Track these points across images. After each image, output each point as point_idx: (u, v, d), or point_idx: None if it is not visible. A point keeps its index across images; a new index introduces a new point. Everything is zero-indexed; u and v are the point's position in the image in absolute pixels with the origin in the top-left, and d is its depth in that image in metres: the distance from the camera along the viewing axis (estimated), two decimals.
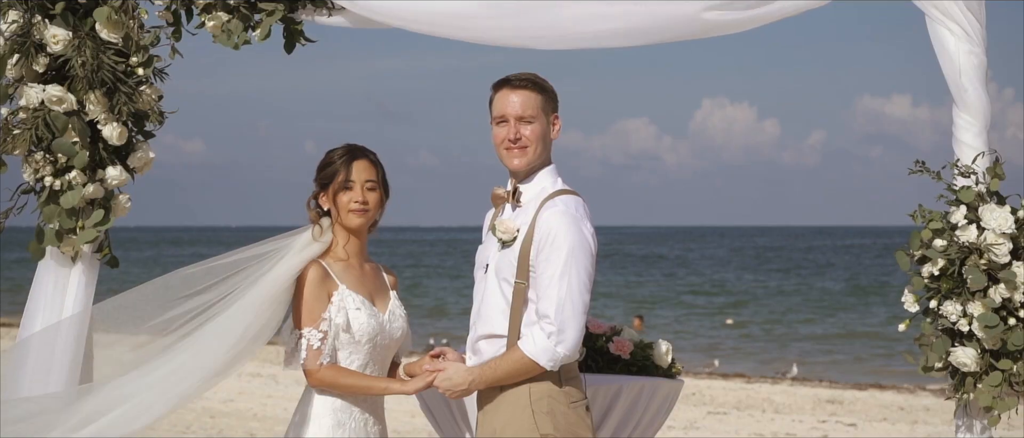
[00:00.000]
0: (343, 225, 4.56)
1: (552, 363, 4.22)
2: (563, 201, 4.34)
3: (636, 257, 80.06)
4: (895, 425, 14.94)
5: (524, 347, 4.22)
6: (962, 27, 4.46)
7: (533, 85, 4.44)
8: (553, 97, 4.49)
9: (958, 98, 4.50)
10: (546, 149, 4.45)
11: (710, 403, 16.68)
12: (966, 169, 4.46)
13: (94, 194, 4.50)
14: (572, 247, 4.23)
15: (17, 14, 4.46)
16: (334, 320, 4.46)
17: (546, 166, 4.45)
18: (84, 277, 4.57)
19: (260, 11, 4.59)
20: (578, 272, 4.23)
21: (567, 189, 4.42)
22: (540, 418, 4.25)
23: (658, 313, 36.93)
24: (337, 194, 4.53)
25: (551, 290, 4.22)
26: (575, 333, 4.23)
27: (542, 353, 4.21)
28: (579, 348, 4.27)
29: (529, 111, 4.41)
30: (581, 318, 4.24)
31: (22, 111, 4.48)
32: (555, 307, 4.20)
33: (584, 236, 4.27)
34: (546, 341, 4.20)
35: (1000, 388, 4.38)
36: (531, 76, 4.47)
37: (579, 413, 4.32)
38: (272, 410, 14.20)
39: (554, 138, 4.48)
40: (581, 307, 4.23)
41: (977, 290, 4.35)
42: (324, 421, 4.46)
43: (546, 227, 4.28)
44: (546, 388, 4.27)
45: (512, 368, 4.24)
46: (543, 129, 4.42)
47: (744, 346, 28.31)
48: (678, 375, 5.17)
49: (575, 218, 4.29)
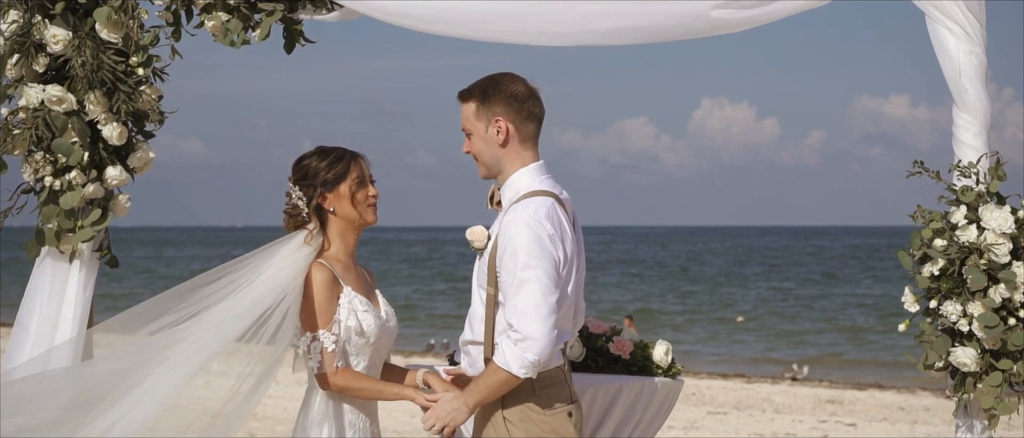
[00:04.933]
0: (360, 221, 4.50)
1: (524, 370, 4.12)
2: (524, 204, 4.23)
3: (636, 257, 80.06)
4: (895, 425, 14.95)
5: (497, 359, 4.16)
6: (962, 27, 4.46)
7: (466, 95, 4.37)
8: (485, 98, 4.33)
9: (958, 98, 4.50)
10: (503, 154, 4.33)
11: (710, 403, 16.68)
12: (967, 169, 4.46)
13: (94, 194, 4.50)
14: (529, 251, 4.13)
15: (17, 14, 4.46)
16: (345, 323, 4.41)
17: (523, 167, 4.34)
18: (83, 276, 4.57)
19: (260, 11, 4.59)
20: (538, 275, 4.12)
21: (540, 190, 4.29)
22: (512, 426, 4.22)
23: (662, 310, 36.94)
24: (355, 191, 4.48)
25: (514, 299, 4.14)
26: (543, 338, 4.10)
27: (513, 361, 4.11)
28: (551, 351, 4.14)
29: (466, 124, 4.37)
30: (547, 321, 4.11)
31: (22, 111, 4.48)
32: (518, 315, 4.12)
33: (540, 238, 4.15)
34: (515, 349, 4.11)
35: (1001, 388, 4.38)
36: (469, 85, 4.38)
37: (558, 420, 4.25)
38: (272, 410, 14.19)
39: (500, 142, 4.32)
40: (545, 310, 4.11)
41: (977, 290, 4.35)
42: (334, 423, 4.43)
43: (504, 233, 4.20)
44: (520, 397, 4.21)
45: (493, 382, 4.17)
46: (483, 139, 4.33)
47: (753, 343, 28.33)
48: (678, 375, 5.18)
49: (533, 221, 4.17)
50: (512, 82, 4.34)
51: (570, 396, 4.32)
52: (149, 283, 50.64)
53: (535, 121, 4.35)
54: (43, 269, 4.56)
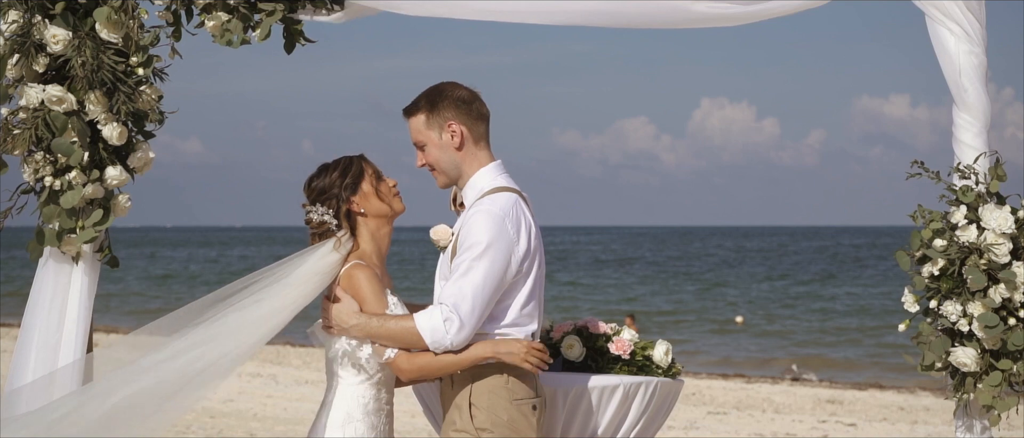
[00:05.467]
0: (391, 212, 4.53)
1: (435, 346, 4.20)
2: (490, 200, 4.30)
3: (635, 257, 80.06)
4: (895, 425, 14.96)
5: (417, 319, 4.22)
6: (962, 27, 4.46)
7: (412, 109, 4.45)
8: (433, 107, 4.41)
9: (958, 98, 4.50)
10: (460, 157, 4.40)
11: (710, 403, 16.69)
12: (967, 169, 4.46)
13: (94, 194, 4.50)
14: (488, 243, 4.20)
15: (17, 14, 4.46)
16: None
17: (481, 167, 4.41)
18: (86, 277, 4.57)
19: (260, 11, 4.59)
20: (487, 266, 4.18)
21: (503, 186, 4.36)
22: (477, 413, 4.27)
23: (661, 310, 36.94)
24: (377, 185, 4.52)
25: (460, 280, 4.19)
26: (470, 327, 4.19)
27: (430, 332, 4.20)
28: (468, 341, 4.21)
29: (417, 137, 4.45)
30: (478, 313, 4.19)
31: (22, 111, 4.48)
32: (458, 296, 4.18)
33: (504, 232, 4.22)
34: (440, 324, 4.19)
35: (1000, 388, 4.38)
36: (412, 100, 4.45)
37: (523, 411, 4.30)
38: (272, 410, 14.20)
39: (456, 146, 4.39)
40: (483, 300, 4.19)
41: (977, 290, 4.35)
42: (360, 424, 4.43)
43: (466, 224, 4.27)
44: (488, 384, 4.28)
45: (399, 332, 4.24)
46: (438, 147, 4.40)
47: (751, 344, 28.33)
48: (678, 375, 5.17)
49: (497, 215, 4.24)
50: (455, 88, 4.45)
51: (537, 390, 4.38)
52: (150, 283, 50.64)
53: (484, 121, 4.45)
54: (46, 271, 4.56)
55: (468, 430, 4.29)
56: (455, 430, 4.31)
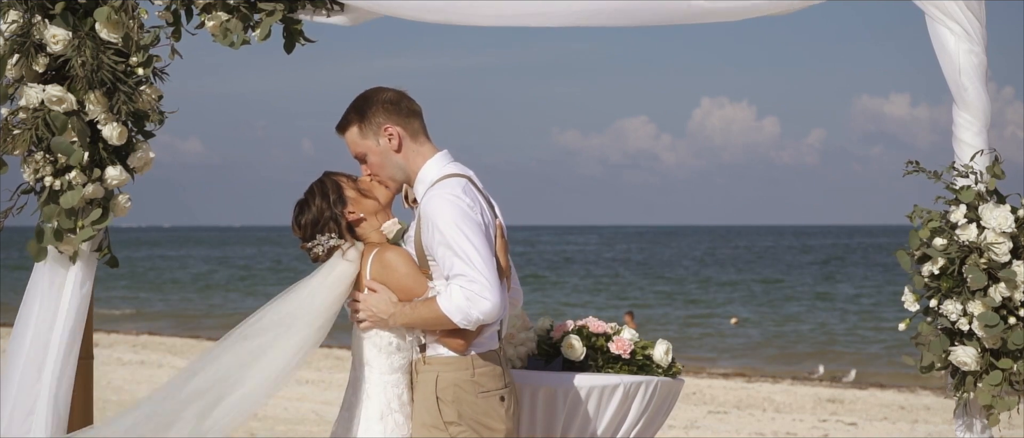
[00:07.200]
0: (386, 197, 4.53)
1: (465, 323, 4.17)
2: (440, 185, 4.30)
3: (635, 256, 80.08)
4: (895, 425, 14.95)
5: (440, 302, 4.20)
6: (962, 26, 4.46)
7: (344, 124, 4.45)
8: (363, 115, 4.41)
9: (958, 97, 4.50)
10: (403, 158, 4.41)
11: (710, 403, 16.69)
12: (965, 169, 4.46)
13: (94, 194, 4.50)
14: (454, 217, 4.19)
15: (17, 14, 4.46)
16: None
17: (426, 160, 4.41)
18: (81, 276, 4.57)
19: (260, 11, 4.59)
20: (466, 230, 4.17)
21: (451, 173, 4.37)
22: (444, 407, 4.27)
23: (660, 310, 36.94)
24: (357, 185, 4.50)
25: (452, 259, 4.17)
26: (494, 290, 4.16)
27: (456, 311, 4.17)
28: (501, 309, 4.19)
29: (356, 150, 4.45)
30: (489, 271, 4.16)
31: (22, 111, 4.48)
32: (473, 270, 4.15)
33: (460, 206, 4.22)
34: (462, 301, 4.16)
35: (1000, 387, 4.38)
36: (342, 115, 4.46)
37: (490, 403, 4.30)
38: (272, 410, 14.20)
39: (395, 148, 4.39)
40: (485, 258, 4.17)
41: (977, 289, 4.35)
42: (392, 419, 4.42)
43: (425, 212, 4.26)
44: (453, 377, 4.28)
45: (429, 316, 4.24)
46: (379, 153, 4.41)
47: (752, 342, 28.33)
48: (678, 374, 5.17)
49: (450, 195, 4.24)
50: (380, 92, 4.46)
51: (505, 381, 4.36)
52: (149, 283, 50.64)
53: (417, 117, 4.45)
54: (42, 268, 4.56)
55: (437, 425, 4.28)
56: (423, 425, 4.31)
